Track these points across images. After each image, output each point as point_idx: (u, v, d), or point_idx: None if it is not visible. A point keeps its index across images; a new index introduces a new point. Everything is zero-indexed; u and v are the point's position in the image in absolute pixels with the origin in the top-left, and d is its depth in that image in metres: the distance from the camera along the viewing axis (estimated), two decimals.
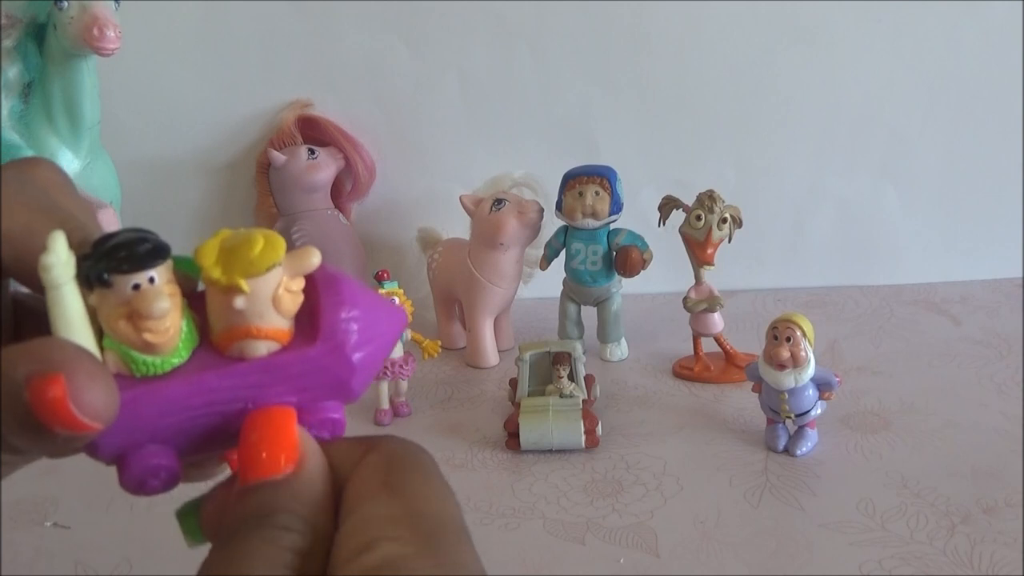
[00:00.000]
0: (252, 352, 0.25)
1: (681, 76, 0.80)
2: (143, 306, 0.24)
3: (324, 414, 0.26)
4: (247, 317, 0.25)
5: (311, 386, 0.26)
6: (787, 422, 0.57)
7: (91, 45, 0.60)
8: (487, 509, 0.52)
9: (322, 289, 0.26)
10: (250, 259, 0.24)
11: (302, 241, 0.76)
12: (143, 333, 0.24)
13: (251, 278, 0.24)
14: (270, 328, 0.25)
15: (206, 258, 0.25)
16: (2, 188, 0.25)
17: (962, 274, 0.85)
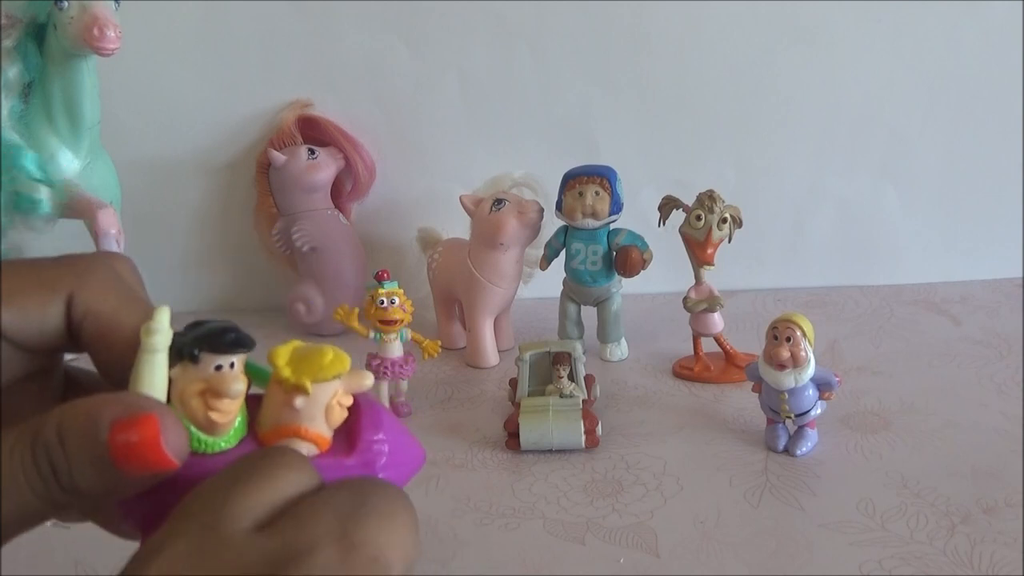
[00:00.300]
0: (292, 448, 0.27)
1: (681, 76, 0.80)
2: (222, 386, 0.27)
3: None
4: (300, 418, 0.27)
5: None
6: (787, 422, 0.57)
7: (91, 45, 0.60)
8: (487, 509, 0.52)
9: (363, 412, 0.29)
10: (320, 366, 0.27)
11: (302, 241, 0.77)
12: (211, 412, 0.27)
13: (316, 383, 0.27)
14: (316, 433, 0.28)
15: (280, 358, 0.28)
16: (96, 274, 0.29)
17: (962, 274, 0.85)
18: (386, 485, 0.27)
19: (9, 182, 0.62)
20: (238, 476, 0.25)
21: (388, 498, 0.27)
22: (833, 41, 0.79)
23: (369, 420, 0.29)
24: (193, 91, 0.79)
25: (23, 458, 0.25)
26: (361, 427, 0.28)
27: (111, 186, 0.68)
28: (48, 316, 0.29)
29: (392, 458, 0.29)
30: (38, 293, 0.29)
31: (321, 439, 0.28)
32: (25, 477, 0.25)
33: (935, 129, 0.82)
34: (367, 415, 0.29)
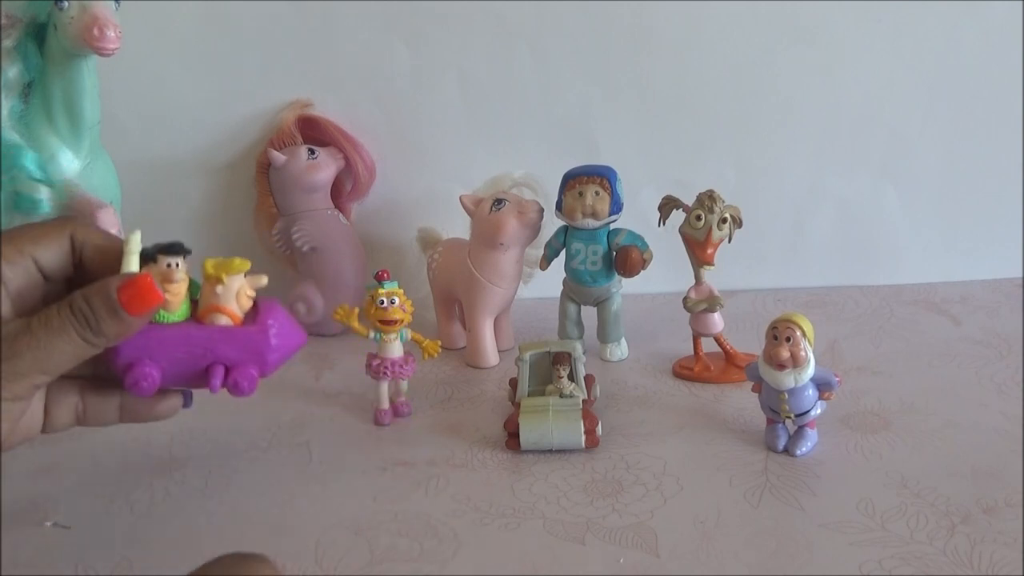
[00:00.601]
0: (217, 321, 0.47)
1: (681, 76, 0.80)
2: (169, 275, 0.45)
3: (246, 370, 0.47)
4: (220, 299, 0.47)
5: (244, 351, 0.47)
6: (787, 422, 0.57)
7: (91, 45, 0.60)
8: (487, 509, 0.52)
9: (263, 306, 0.48)
10: (231, 266, 0.47)
11: (302, 241, 0.77)
12: (165, 294, 0.45)
13: (228, 276, 0.46)
14: (230, 309, 0.47)
15: (208, 263, 0.47)
16: (80, 221, 0.47)
17: (962, 274, 0.85)
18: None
19: (9, 182, 0.62)
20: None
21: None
22: (833, 41, 0.79)
23: (265, 310, 0.48)
24: (193, 91, 0.79)
25: (65, 315, 0.43)
26: (261, 313, 0.48)
27: (111, 186, 0.68)
28: (62, 249, 0.46)
29: (281, 330, 0.48)
30: (51, 235, 0.46)
31: (234, 315, 0.47)
32: (70, 325, 0.42)
33: (935, 129, 0.82)
34: (266, 307, 0.48)
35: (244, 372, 0.47)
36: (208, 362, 0.47)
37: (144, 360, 0.45)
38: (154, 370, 0.46)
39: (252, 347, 0.47)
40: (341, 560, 0.48)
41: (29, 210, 0.63)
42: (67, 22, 0.60)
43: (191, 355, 0.46)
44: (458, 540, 0.49)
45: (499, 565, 0.47)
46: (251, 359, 0.47)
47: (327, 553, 0.48)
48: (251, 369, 0.47)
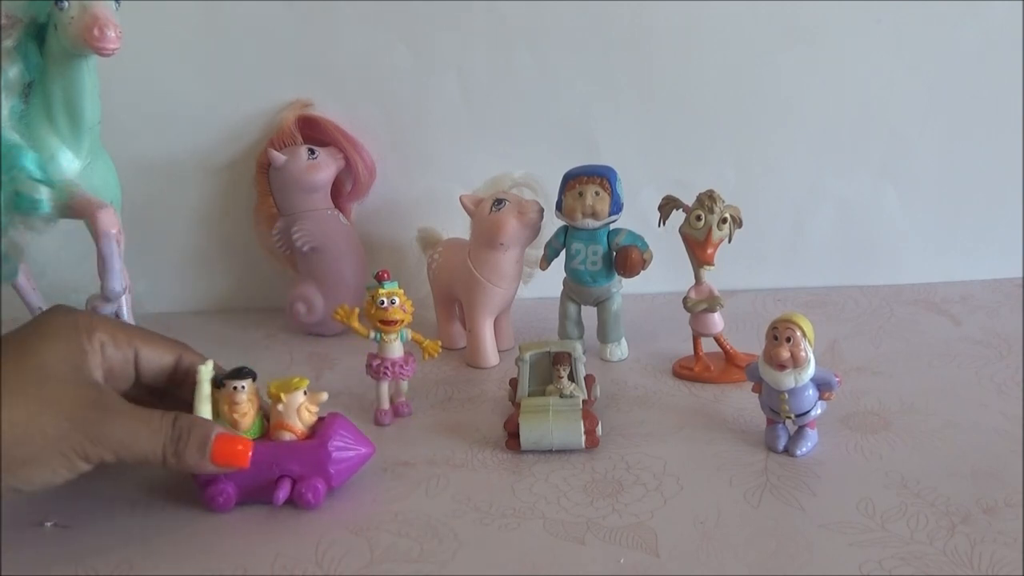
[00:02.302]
0: (281, 437, 0.52)
1: (681, 76, 0.80)
2: (235, 397, 0.52)
3: (312, 482, 0.52)
4: (282, 416, 0.52)
5: (307, 465, 0.52)
6: (787, 422, 0.57)
7: (91, 45, 0.60)
8: (487, 509, 0.52)
9: (328, 420, 0.54)
10: (289, 385, 0.53)
11: (302, 241, 0.77)
12: (233, 414, 0.52)
13: (287, 394, 0.52)
14: (292, 425, 0.52)
15: (271, 385, 0.53)
16: (189, 346, 0.54)
17: (962, 274, 0.85)
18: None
19: (9, 182, 0.62)
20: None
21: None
22: (833, 41, 0.79)
23: (330, 424, 0.53)
24: (193, 91, 0.79)
25: (166, 424, 0.48)
26: (325, 427, 0.53)
27: (111, 186, 0.68)
28: (165, 361, 0.53)
29: (343, 443, 0.53)
30: (163, 345, 0.53)
31: (296, 430, 0.53)
32: (163, 434, 0.48)
33: (935, 129, 0.82)
34: (330, 422, 0.54)
35: (309, 484, 0.52)
36: (276, 475, 0.52)
37: (221, 477, 0.51)
38: (230, 487, 0.52)
39: (315, 460, 0.52)
40: (341, 560, 0.48)
41: (29, 210, 0.63)
42: (67, 22, 0.60)
43: (260, 470, 0.51)
44: (458, 540, 0.49)
45: (499, 565, 0.47)
46: (316, 472, 0.52)
47: (327, 553, 0.48)
48: (316, 482, 0.52)
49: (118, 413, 0.47)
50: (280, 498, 0.51)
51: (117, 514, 0.53)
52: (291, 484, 0.52)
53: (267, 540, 0.50)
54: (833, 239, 0.85)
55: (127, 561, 0.48)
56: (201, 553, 0.49)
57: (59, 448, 0.45)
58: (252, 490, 0.52)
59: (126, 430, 0.47)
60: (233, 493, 0.52)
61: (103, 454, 0.46)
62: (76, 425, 0.46)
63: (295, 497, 0.52)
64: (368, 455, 0.54)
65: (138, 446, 0.47)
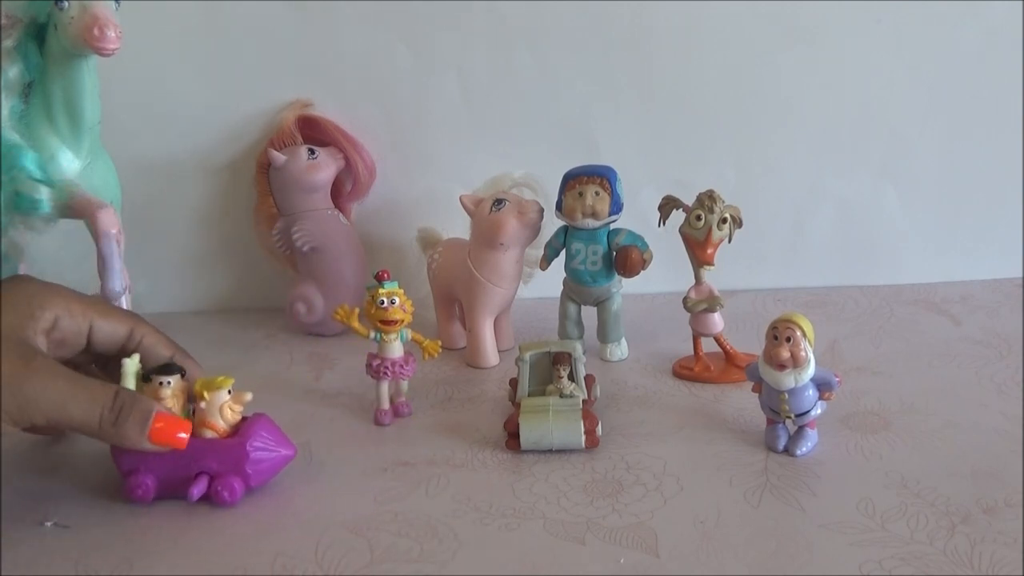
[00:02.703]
0: (202, 434, 0.52)
1: (681, 76, 0.80)
2: (160, 392, 0.52)
3: (228, 480, 0.52)
4: (205, 414, 0.53)
5: (225, 463, 0.52)
6: (787, 422, 0.57)
7: (91, 45, 0.60)
8: (487, 509, 0.52)
9: (251, 420, 0.54)
10: (214, 384, 0.53)
11: (302, 241, 0.77)
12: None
13: (210, 392, 0.52)
14: (214, 423, 0.53)
15: (196, 383, 0.53)
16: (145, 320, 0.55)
17: (962, 274, 0.85)
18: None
19: (9, 182, 0.62)
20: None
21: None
22: (833, 41, 0.79)
23: (252, 423, 0.53)
24: (193, 91, 0.79)
25: (107, 395, 0.48)
26: (247, 427, 0.53)
27: (111, 186, 0.68)
28: (118, 335, 0.53)
29: (262, 443, 0.53)
30: (118, 317, 0.54)
31: (217, 428, 0.53)
32: (102, 405, 0.48)
33: (935, 129, 0.82)
34: (252, 422, 0.54)
35: (225, 482, 0.52)
36: (195, 472, 0.52)
37: (141, 469, 0.52)
38: (149, 479, 0.52)
39: (232, 459, 0.52)
40: (341, 560, 0.48)
41: (29, 210, 0.63)
42: (67, 22, 0.60)
43: (180, 465, 0.52)
44: (458, 540, 0.49)
45: (499, 565, 0.47)
46: (233, 470, 0.52)
47: (327, 553, 0.48)
48: (233, 480, 0.52)
49: (54, 376, 0.47)
50: (195, 494, 0.51)
51: (117, 514, 0.53)
52: (208, 481, 0.52)
53: (267, 540, 0.50)
54: (833, 239, 0.85)
55: (127, 561, 0.48)
56: (201, 553, 0.49)
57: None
58: (171, 484, 0.52)
59: (61, 393, 0.47)
60: (152, 485, 0.52)
61: (34, 417, 0.47)
62: (6, 387, 0.46)
63: (211, 494, 0.52)
64: (289, 457, 0.54)
65: (75, 411, 0.47)
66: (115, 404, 0.48)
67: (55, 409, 0.47)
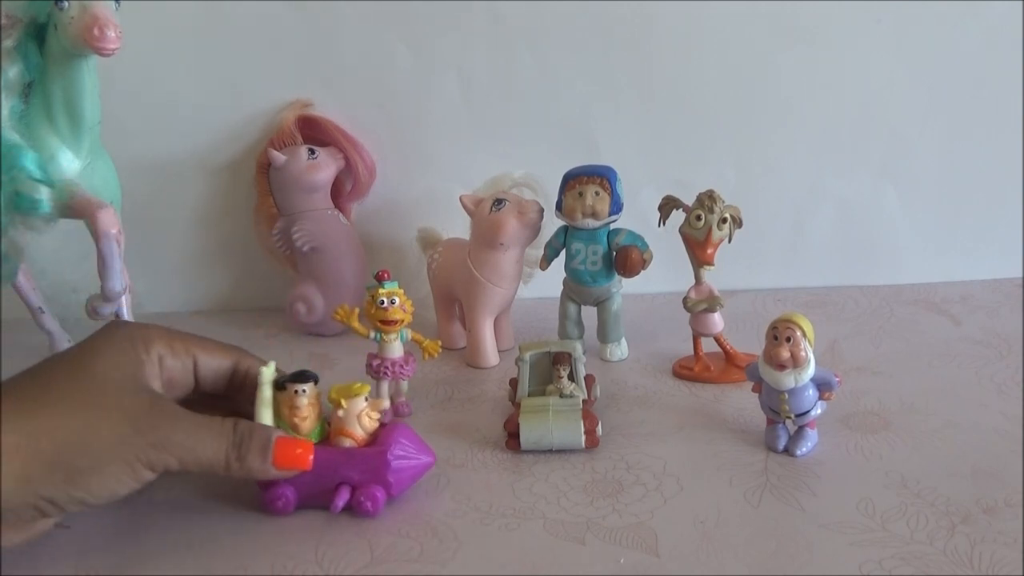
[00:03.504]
0: (341, 443, 0.52)
1: (681, 76, 0.80)
2: (296, 401, 0.51)
3: (370, 490, 0.51)
4: (343, 423, 0.52)
5: (367, 472, 0.51)
6: (787, 422, 0.57)
7: (91, 45, 0.60)
8: (487, 509, 0.52)
9: (390, 428, 0.53)
10: (350, 390, 0.52)
11: (302, 241, 0.77)
12: (294, 418, 0.51)
13: (348, 400, 0.52)
14: (352, 432, 0.52)
15: (333, 390, 0.52)
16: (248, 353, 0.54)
17: (962, 274, 0.85)
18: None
19: (9, 182, 0.62)
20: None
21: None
22: (833, 41, 0.79)
23: (391, 431, 0.52)
24: (193, 91, 0.79)
25: (227, 429, 0.47)
26: (386, 435, 0.52)
27: (111, 186, 0.68)
28: (223, 368, 0.52)
29: (404, 452, 0.52)
30: (221, 353, 0.53)
31: (356, 436, 0.52)
32: (225, 439, 0.47)
33: (935, 129, 0.82)
34: (391, 429, 0.52)
35: (368, 492, 0.50)
36: (336, 482, 0.51)
37: (281, 482, 0.51)
38: (289, 491, 0.51)
39: (374, 468, 0.51)
40: (341, 560, 0.48)
41: (29, 210, 0.63)
42: (67, 22, 0.60)
43: (320, 476, 0.50)
44: (458, 540, 0.49)
45: (499, 565, 0.47)
46: (375, 480, 0.51)
47: (327, 553, 0.48)
48: (375, 490, 0.51)
49: (179, 418, 0.46)
50: (338, 506, 0.50)
51: (117, 514, 0.53)
52: (350, 491, 0.51)
53: (267, 540, 0.50)
54: (833, 239, 0.85)
55: (127, 561, 0.48)
56: (201, 553, 0.49)
57: (122, 455, 0.44)
58: (311, 495, 0.51)
59: (189, 435, 0.46)
60: (293, 498, 0.51)
61: (167, 461, 0.45)
62: (137, 430, 0.44)
63: (353, 504, 0.51)
64: (429, 464, 0.53)
65: (202, 451, 0.46)
66: (235, 437, 0.47)
67: (186, 451, 0.46)
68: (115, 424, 0.44)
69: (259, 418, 0.51)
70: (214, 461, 0.47)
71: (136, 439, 0.44)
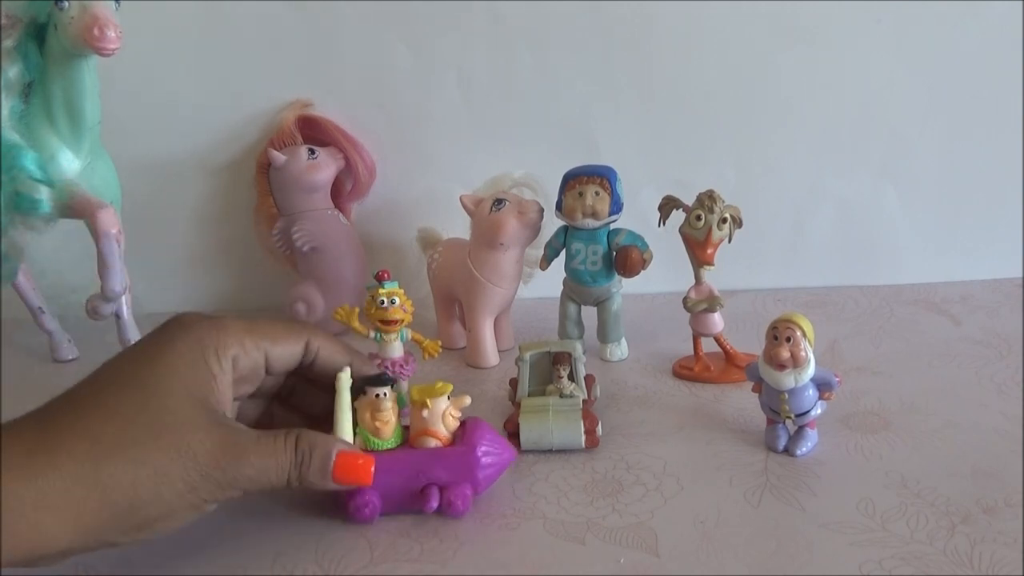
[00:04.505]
0: (426, 444, 0.51)
1: (681, 76, 0.80)
2: (380, 405, 0.50)
3: (460, 489, 0.50)
4: (427, 423, 0.51)
5: (455, 471, 0.51)
6: (787, 422, 0.57)
7: (91, 45, 0.60)
8: (487, 509, 0.52)
9: (470, 425, 0.52)
10: (434, 390, 0.51)
11: (302, 241, 0.77)
12: (376, 422, 0.50)
13: (432, 399, 0.51)
14: (437, 432, 0.51)
15: (414, 390, 0.51)
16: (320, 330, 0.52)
17: (962, 274, 0.85)
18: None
19: (9, 182, 0.62)
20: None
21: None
22: (833, 41, 0.79)
23: (473, 428, 0.52)
24: (193, 91, 0.79)
25: (289, 449, 0.46)
26: (469, 432, 0.52)
27: (112, 186, 0.68)
28: (295, 353, 0.50)
29: (490, 448, 0.51)
30: (291, 339, 0.50)
31: (441, 436, 0.51)
32: (287, 460, 0.45)
33: (935, 129, 0.82)
34: (472, 426, 0.52)
35: (458, 492, 0.50)
36: (423, 484, 0.50)
37: (366, 489, 0.49)
38: (375, 498, 0.50)
39: (463, 467, 0.51)
40: (341, 560, 0.48)
41: (29, 210, 0.63)
42: (67, 22, 0.60)
43: (406, 479, 0.50)
44: (458, 540, 0.49)
45: (499, 565, 0.47)
46: (463, 478, 0.51)
47: (327, 553, 0.48)
48: (465, 488, 0.51)
49: (245, 451, 0.44)
50: (432, 506, 0.50)
51: None
52: (439, 492, 0.50)
53: (267, 540, 0.50)
54: (833, 239, 0.85)
55: (127, 561, 0.48)
56: (201, 553, 0.49)
57: (192, 501, 0.43)
58: (397, 499, 0.50)
59: (254, 469, 0.44)
60: (378, 504, 0.50)
61: (232, 495, 0.44)
62: (207, 475, 0.43)
63: (443, 505, 0.50)
64: (510, 459, 0.53)
65: (266, 480, 0.45)
66: (297, 457, 0.46)
67: (251, 483, 0.44)
68: (185, 471, 0.42)
69: (338, 426, 0.49)
70: (276, 485, 0.45)
71: (206, 484, 0.43)
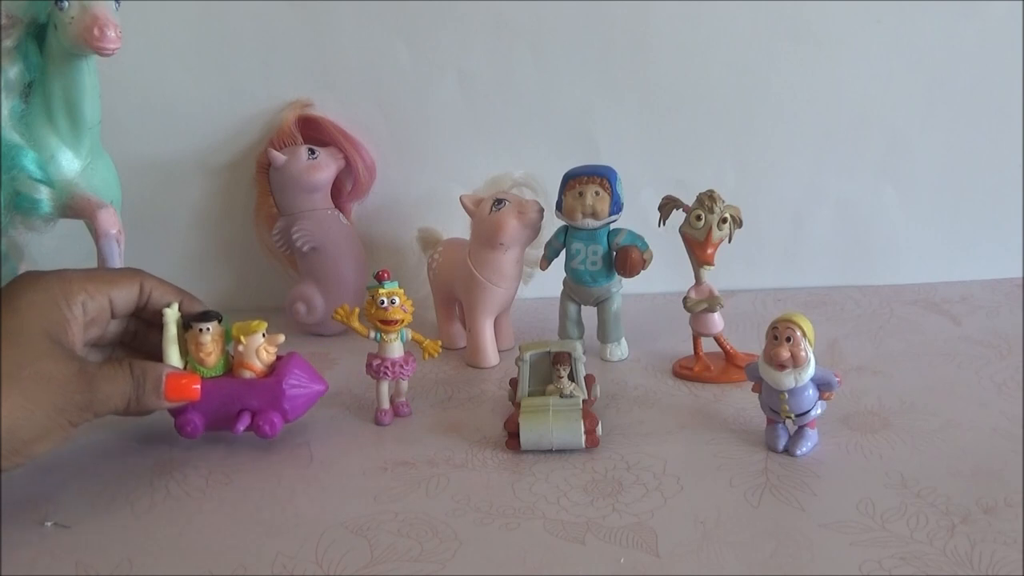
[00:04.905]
0: (242, 375, 0.58)
1: (681, 76, 0.80)
2: (200, 338, 0.57)
3: (269, 416, 0.57)
4: (243, 356, 0.58)
5: (265, 400, 0.58)
6: (787, 422, 0.57)
7: (91, 45, 0.60)
8: (487, 509, 0.52)
9: (285, 359, 0.59)
10: (249, 327, 0.58)
11: (302, 241, 0.77)
12: (200, 353, 0.57)
13: (247, 336, 0.58)
14: (252, 364, 0.58)
15: (233, 327, 0.58)
16: (149, 273, 0.59)
17: (962, 274, 0.85)
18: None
19: (9, 182, 0.62)
20: None
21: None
22: (833, 41, 0.79)
23: (286, 362, 0.59)
24: (193, 91, 0.79)
25: (125, 375, 0.53)
26: (282, 365, 0.59)
27: (111, 186, 0.68)
28: (132, 294, 0.57)
29: (297, 380, 0.58)
30: (125, 281, 0.57)
31: (255, 368, 0.58)
32: (125, 384, 0.53)
33: (935, 129, 0.82)
34: (286, 360, 0.59)
35: (266, 417, 0.57)
36: (237, 409, 0.58)
37: (189, 409, 0.58)
38: (197, 417, 0.58)
39: (271, 396, 0.57)
40: (341, 560, 0.48)
41: (29, 210, 0.63)
42: (67, 22, 0.60)
43: (222, 403, 0.58)
44: (458, 540, 0.49)
45: (499, 565, 0.47)
46: (272, 406, 0.58)
47: (327, 553, 0.48)
48: (273, 416, 0.57)
49: (95, 378, 0.52)
50: (239, 428, 0.57)
51: (117, 514, 0.53)
52: (251, 417, 0.57)
53: (267, 540, 0.50)
54: (833, 239, 0.85)
55: (127, 561, 0.48)
56: (201, 553, 0.49)
57: (58, 422, 0.50)
58: (216, 420, 0.58)
59: (104, 393, 0.52)
60: (200, 423, 0.58)
61: (88, 417, 0.51)
62: (68, 399, 0.50)
63: (254, 428, 0.57)
64: (321, 392, 0.60)
65: (113, 402, 0.52)
66: (133, 380, 0.53)
67: (102, 406, 0.52)
68: (52, 395, 0.49)
69: (166, 355, 0.56)
70: (120, 405, 0.53)
71: (69, 406, 0.50)
